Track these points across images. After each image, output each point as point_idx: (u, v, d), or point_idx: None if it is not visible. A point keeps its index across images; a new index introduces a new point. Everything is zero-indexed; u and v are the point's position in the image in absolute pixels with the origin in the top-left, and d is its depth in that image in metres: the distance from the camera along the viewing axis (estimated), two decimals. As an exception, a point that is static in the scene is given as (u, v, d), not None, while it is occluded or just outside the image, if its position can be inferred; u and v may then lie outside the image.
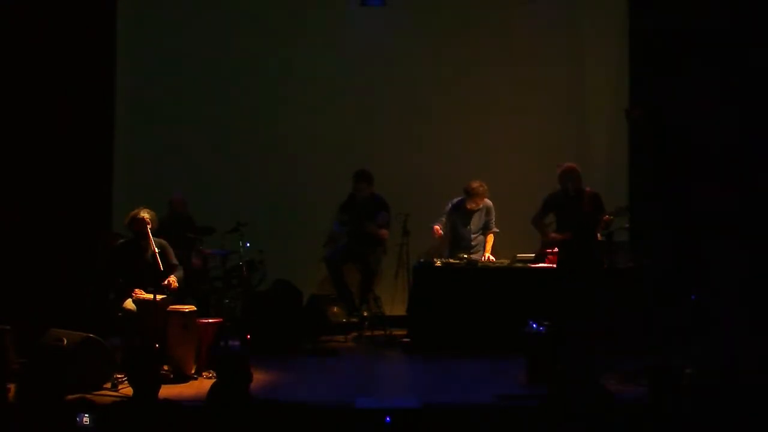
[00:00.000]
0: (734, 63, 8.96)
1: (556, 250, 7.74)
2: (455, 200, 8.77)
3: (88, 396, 5.41)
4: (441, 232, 8.64)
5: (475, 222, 8.72)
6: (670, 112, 9.20)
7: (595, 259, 7.34)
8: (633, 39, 9.69)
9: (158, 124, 9.62)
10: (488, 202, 8.74)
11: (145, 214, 7.00)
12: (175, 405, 4.54)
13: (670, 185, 9.13)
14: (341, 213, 9.04)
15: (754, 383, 5.34)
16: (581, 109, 9.95)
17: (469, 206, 8.67)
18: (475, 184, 8.63)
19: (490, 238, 8.72)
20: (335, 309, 8.91)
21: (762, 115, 8.90)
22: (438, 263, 8.28)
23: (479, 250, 8.70)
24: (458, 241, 8.70)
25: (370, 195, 8.90)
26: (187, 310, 7.00)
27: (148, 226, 6.95)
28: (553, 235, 7.48)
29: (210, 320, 7.37)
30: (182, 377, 6.76)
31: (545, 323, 6.92)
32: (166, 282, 6.92)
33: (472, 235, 8.71)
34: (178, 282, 7.07)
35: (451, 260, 8.38)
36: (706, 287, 7.95)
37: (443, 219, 8.71)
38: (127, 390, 6.06)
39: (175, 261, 7.22)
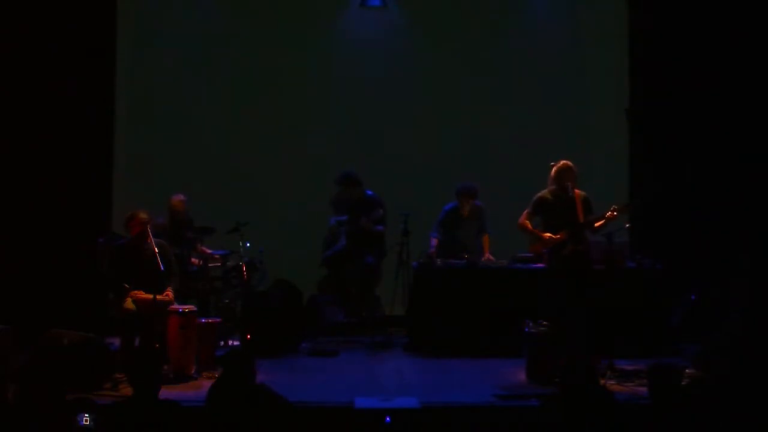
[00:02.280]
0: (734, 62, 8.97)
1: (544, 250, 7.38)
2: (447, 207, 8.66)
3: (88, 396, 5.40)
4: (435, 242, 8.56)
5: (473, 228, 8.65)
6: (670, 111, 9.22)
7: (588, 259, 7.11)
8: (633, 39, 9.69)
9: (158, 124, 9.64)
10: (479, 204, 8.68)
11: (143, 215, 7.00)
12: (175, 405, 4.53)
13: (670, 185, 9.14)
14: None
15: (755, 382, 5.34)
16: (581, 109, 9.96)
17: (462, 211, 8.57)
18: (468, 184, 8.57)
19: (486, 240, 8.67)
20: (335, 309, 8.91)
21: (762, 112, 8.92)
22: (438, 263, 8.26)
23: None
24: (456, 249, 8.50)
25: (361, 194, 8.90)
26: (187, 310, 7.00)
27: (148, 227, 6.96)
28: (548, 235, 7.07)
29: (210, 320, 7.36)
30: (182, 377, 6.75)
31: (544, 323, 6.92)
32: (164, 295, 6.92)
33: (469, 242, 8.61)
34: (174, 293, 7.08)
35: (452, 260, 8.36)
36: (707, 287, 7.96)
37: (439, 231, 8.61)
38: (127, 390, 6.05)
39: (174, 266, 7.21)
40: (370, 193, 8.95)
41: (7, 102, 8.66)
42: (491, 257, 8.53)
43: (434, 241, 8.56)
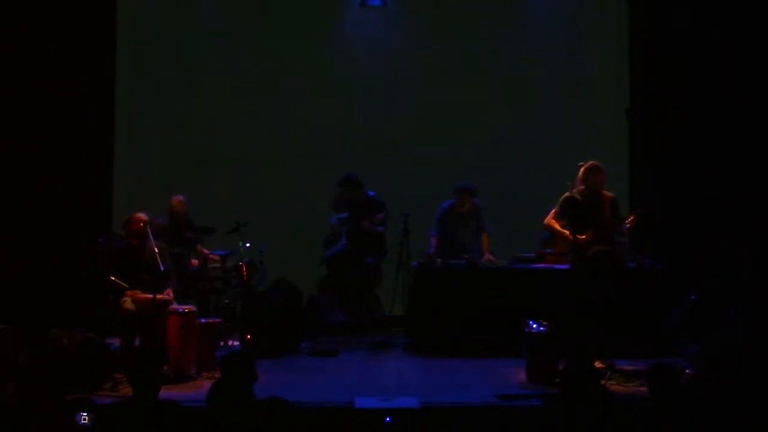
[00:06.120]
0: (734, 62, 8.97)
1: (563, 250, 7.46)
2: (444, 204, 8.63)
3: (88, 396, 5.41)
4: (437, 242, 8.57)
5: (471, 227, 8.63)
6: (670, 111, 9.22)
7: (614, 260, 7.14)
8: (633, 39, 9.69)
9: (158, 124, 9.63)
10: (477, 202, 8.66)
11: (142, 216, 7.02)
12: (175, 405, 4.53)
13: (671, 184, 9.14)
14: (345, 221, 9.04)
15: (755, 382, 5.34)
16: (581, 108, 9.96)
17: (462, 209, 8.55)
18: (467, 182, 8.56)
19: (486, 239, 8.66)
20: (335, 309, 8.91)
21: (762, 112, 8.92)
22: (438, 263, 8.25)
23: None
24: (454, 248, 8.48)
25: (362, 195, 8.90)
26: (187, 310, 7.00)
27: (148, 227, 6.97)
28: (581, 237, 7.00)
29: (210, 320, 7.36)
30: (182, 377, 6.75)
31: (545, 323, 6.91)
32: (164, 294, 6.92)
33: (467, 240, 8.59)
34: (173, 293, 7.10)
35: (451, 260, 8.34)
36: (707, 287, 7.95)
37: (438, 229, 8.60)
38: (127, 390, 6.06)
39: (170, 268, 7.19)
40: (371, 193, 8.95)
41: (8, 102, 8.66)
42: (491, 257, 8.52)
43: (434, 240, 8.55)
